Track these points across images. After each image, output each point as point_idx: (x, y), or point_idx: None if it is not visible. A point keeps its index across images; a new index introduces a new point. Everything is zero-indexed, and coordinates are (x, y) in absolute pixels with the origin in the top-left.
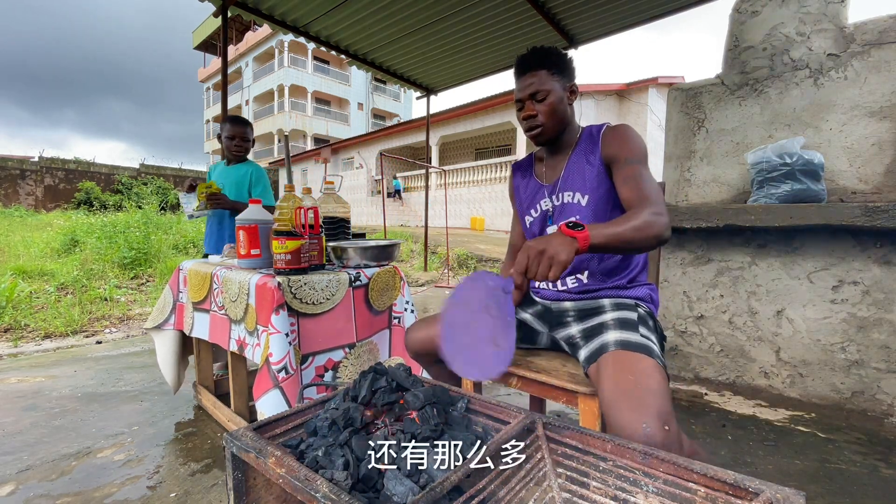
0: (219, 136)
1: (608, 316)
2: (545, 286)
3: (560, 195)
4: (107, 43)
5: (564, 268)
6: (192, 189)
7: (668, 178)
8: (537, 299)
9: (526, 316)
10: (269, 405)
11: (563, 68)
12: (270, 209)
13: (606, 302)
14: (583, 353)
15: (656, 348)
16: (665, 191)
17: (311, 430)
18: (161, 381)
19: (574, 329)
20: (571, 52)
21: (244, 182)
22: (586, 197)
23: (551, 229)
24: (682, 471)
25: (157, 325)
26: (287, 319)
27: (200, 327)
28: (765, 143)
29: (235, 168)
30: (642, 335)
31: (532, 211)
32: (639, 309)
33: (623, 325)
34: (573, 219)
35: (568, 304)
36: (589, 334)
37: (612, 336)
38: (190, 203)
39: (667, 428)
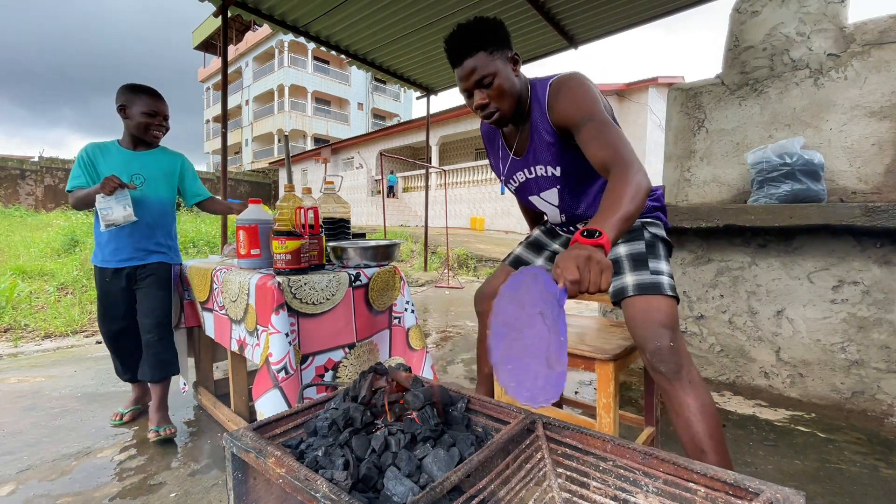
0: (121, 109)
1: (621, 249)
2: (563, 230)
3: (532, 169)
4: (106, 42)
5: (612, 273)
6: (113, 191)
7: (668, 178)
8: (560, 232)
9: (556, 246)
10: (268, 405)
11: (499, 41)
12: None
13: None
14: (610, 288)
15: (665, 279)
16: (665, 191)
17: (311, 430)
18: None
19: None
20: (571, 52)
21: (174, 175)
22: (558, 168)
23: (534, 198)
24: (682, 471)
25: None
26: (287, 319)
27: (208, 326)
28: (765, 143)
29: (152, 155)
30: (653, 271)
31: (511, 181)
32: (645, 232)
33: (635, 262)
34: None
35: None
36: None
37: (629, 279)
38: (113, 208)
39: (672, 344)
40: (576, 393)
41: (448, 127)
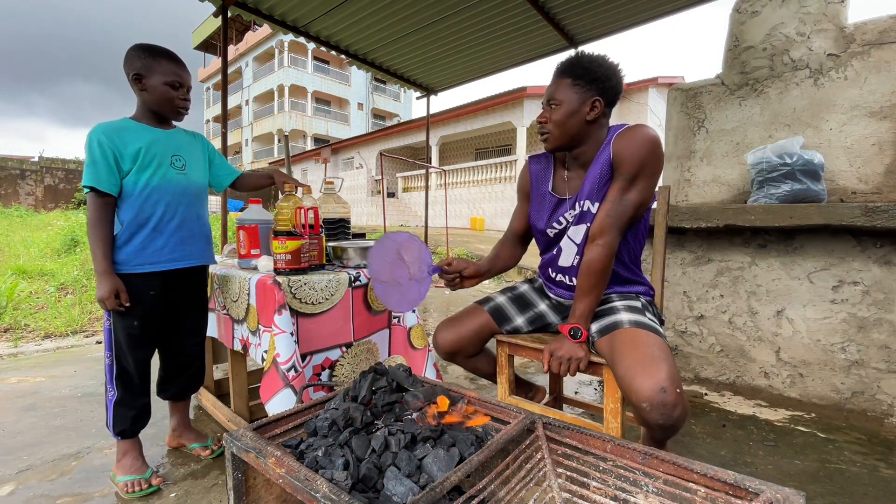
0: (136, 78)
1: (616, 303)
2: (562, 278)
3: (578, 204)
4: (105, 41)
5: (586, 363)
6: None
7: (668, 179)
8: (552, 295)
9: (542, 307)
10: (282, 404)
11: (591, 80)
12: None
13: (614, 296)
14: (594, 327)
15: (662, 330)
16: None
17: (312, 430)
18: None
19: None
20: (571, 52)
21: (204, 157)
22: (596, 205)
23: (564, 239)
24: (682, 471)
25: None
26: (290, 319)
27: (210, 326)
28: (765, 143)
29: (180, 135)
30: (649, 318)
31: (555, 224)
32: (641, 299)
33: (631, 309)
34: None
35: None
36: (599, 314)
37: (624, 316)
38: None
39: (678, 391)
40: (576, 393)
41: (448, 127)
